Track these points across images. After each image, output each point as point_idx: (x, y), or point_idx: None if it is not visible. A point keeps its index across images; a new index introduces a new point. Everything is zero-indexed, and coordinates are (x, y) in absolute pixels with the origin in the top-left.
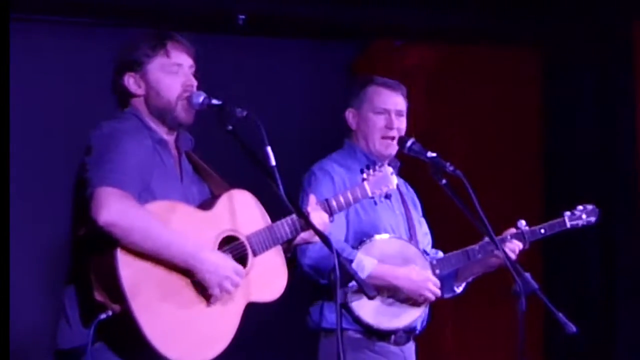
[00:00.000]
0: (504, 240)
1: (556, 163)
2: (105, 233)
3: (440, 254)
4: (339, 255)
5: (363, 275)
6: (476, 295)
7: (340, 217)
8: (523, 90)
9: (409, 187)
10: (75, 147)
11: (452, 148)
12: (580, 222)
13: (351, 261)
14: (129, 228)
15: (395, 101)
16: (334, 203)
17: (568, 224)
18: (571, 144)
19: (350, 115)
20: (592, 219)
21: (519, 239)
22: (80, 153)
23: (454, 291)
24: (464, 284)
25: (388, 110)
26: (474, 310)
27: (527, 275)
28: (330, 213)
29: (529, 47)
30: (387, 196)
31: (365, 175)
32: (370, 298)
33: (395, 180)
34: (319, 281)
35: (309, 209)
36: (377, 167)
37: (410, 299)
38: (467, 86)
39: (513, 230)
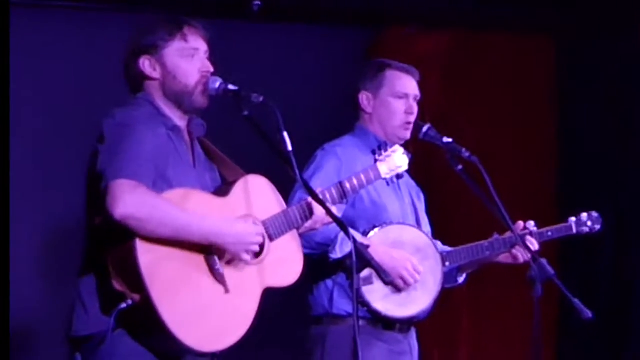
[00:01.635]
0: (513, 241)
1: (570, 149)
2: (121, 226)
3: (439, 245)
4: (355, 240)
5: (347, 249)
6: (491, 280)
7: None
8: (537, 77)
9: (414, 182)
10: (74, 137)
11: (466, 134)
12: (585, 229)
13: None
14: (146, 219)
15: (414, 86)
16: (347, 186)
17: (574, 230)
18: (585, 130)
19: (364, 98)
20: (597, 226)
21: (525, 241)
22: (82, 142)
23: (456, 281)
24: (464, 275)
25: (408, 95)
26: (489, 295)
27: (543, 261)
28: (344, 195)
29: (543, 34)
30: (399, 176)
31: (377, 157)
32: (387, 283)
33: (407, 160)
34: (327, 257)
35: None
36: (388, 148)
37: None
38: (481, 72)
39: (521, 224)
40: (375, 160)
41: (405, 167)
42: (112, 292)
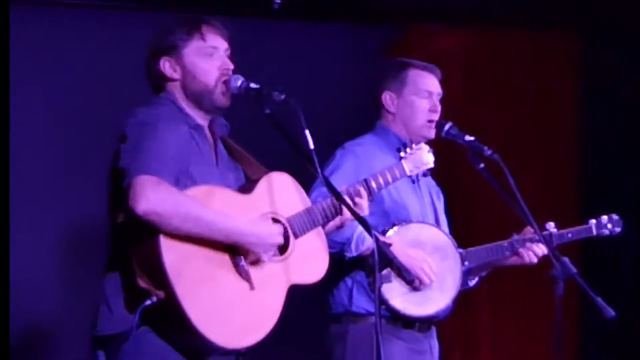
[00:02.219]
0: (531, 242)
1: (593, 148)
2: (144, 222)
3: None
4: (377, 238)
5: (362, 248)
6: (512, 280)
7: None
8: (560, 73)
9: (434, 181)
10: (94, 137)
11: (488, 132)
12: (605, 232)
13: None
14: (168, 215)
15: (436, 84)
16: (372, 183)
17: (594, 232)
18: (609, 128)
19: (387, 97)
20: (618, 229)
21: (547, 240)
22: (101, 142)
23: (467, 285)
24: (476, 278)
25: (432, 93)
26: (509, 295)
27: (566, 259)
28: (370, 193)
29: (566, 30)
30: (424, 174)
31: (402, 154)
32: (409, 282)
33: (432, 158)
34: (343, 255)
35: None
36: (414, 146)
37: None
38: (503, 69)
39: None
40: (400, 158)
41: (431, 164)
42: (137, 290)
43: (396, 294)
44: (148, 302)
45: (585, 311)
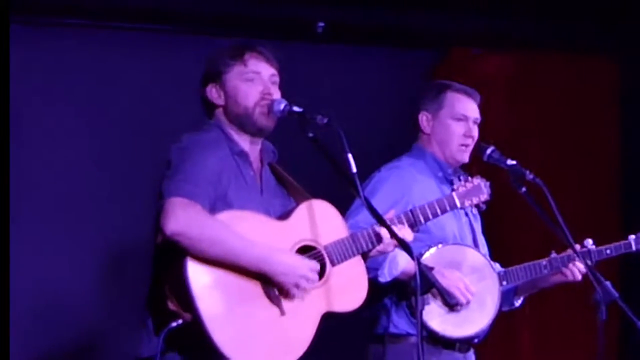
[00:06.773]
0: (570, 259)
1: (635, 172)
2: (173, 243)
3: (498, 267)
4: (419, 262)
5: (397, 271)
6: (553, 301)
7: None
8: (602, 98)
9: None
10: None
11: (530, 156)
12: None
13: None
14: (196, 237)
15: (473, 108)
16: (419, 215)
17: (634, 247)
18: None
19: (424, 118)
20: None
21: (585, 257)
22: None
23: (513, 305)
24: (522, 298)
25: (467, 117)
26: (550, 316)
27: (608, 283)
28: (415, 224)
29: (608, 55)
30: (480, 208)
31: (454, 186)
32: (450, 305)
33: (488, 190)
34: (377, 281)
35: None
36: (468, 178)
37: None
38: (545, 94)
39: (578, 246)
40: (452, 190)
41: (486, 197)
42: (166, 312)
43: (435, 316)
44: (174, 324)
45: (625, 334)
